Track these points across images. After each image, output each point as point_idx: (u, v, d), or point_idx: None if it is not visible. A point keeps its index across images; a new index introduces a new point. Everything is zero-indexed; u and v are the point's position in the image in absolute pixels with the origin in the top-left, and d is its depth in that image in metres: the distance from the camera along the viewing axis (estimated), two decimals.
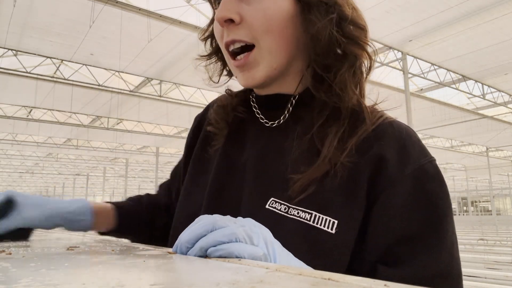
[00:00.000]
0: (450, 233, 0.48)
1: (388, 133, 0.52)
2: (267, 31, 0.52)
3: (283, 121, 0.58)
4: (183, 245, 0.38)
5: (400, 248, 0.47)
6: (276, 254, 0.39)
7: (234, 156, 0.61)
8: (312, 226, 0.48)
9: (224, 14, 0.52)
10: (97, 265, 0.31)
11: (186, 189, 0.66)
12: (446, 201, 0.49)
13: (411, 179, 0.48)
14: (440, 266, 0.46)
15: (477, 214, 30.93)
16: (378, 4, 5.77)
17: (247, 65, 0.54)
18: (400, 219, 0.47)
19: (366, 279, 0.24)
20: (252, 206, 0.54)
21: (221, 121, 0.63)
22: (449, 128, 11.98)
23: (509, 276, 5.22)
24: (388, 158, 0.49)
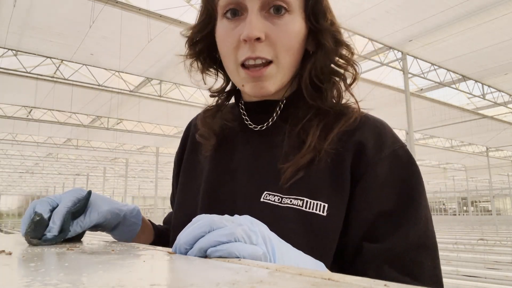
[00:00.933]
0: (423, 207, 0.54)
1: (365, 123, 0.59)
2: (287, 50, 0.57)
3: (272, 123, 0.63)
4: (182, 247, 0.38)
5: (379, 223, 0.53)
6: (275, 249, 0.39)
7: (225, 159, 0.64)
8: (305, 211, 0.53)
9: (255, 33, 0.54)
10: (97, 265, 0.31)
11: (179, 197, 0.68)
12: (418, 180, 0.55)
13: (387, 161, 0.55)
14: (417, 237, 0.52)
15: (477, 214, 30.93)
16: (378, 4, 5.77)
17: (263, 77, 0.57)
18: (379, 197, 0.53)
19: (366, 279, 0.24)
20: (248, 200, 0.57)
21: (209, 131, 0.67)
22: (449, 128, 11.98)
23: (509, 276, 5.22)
24: (367, 143, 0.56)
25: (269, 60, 0.56)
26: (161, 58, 7.52)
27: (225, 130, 0.67)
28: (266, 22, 0.56)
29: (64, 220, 0.54)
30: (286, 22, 0.56)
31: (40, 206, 0.55)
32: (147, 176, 26.93)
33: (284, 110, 0.63)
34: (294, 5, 0.56)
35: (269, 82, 0.58)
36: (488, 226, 17.62)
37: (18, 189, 35.23)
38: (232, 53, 0.58)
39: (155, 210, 18.82)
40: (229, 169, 0.62)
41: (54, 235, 0.52)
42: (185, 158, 0.72)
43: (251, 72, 0.56)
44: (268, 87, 0.58)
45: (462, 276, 5.38)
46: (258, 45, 0.55)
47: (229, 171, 0.62)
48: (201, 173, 0.66)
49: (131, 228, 0.66)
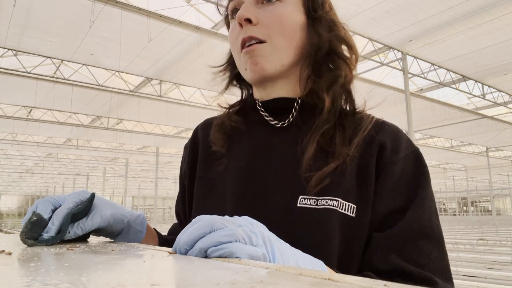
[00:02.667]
0: (428, 202, 0.57)
1: (383, 127, 0.62)
2: (279, 32, 0.60)
3: (292, 120, 0.64)
4: (182, 247, 0.38)
5: (390, 217, 0.56)
6: (275, 250, 0.39)
7: (249, 165, 0.63)
8: (340, 212, 0.55)
9: (243, 13, 0.59)
10: (97, 265, 0.31)
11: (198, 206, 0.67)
12: (426, 177, 0.58)
13: (401, 162, 0.59)
14: (421, 227, 0.54)
15: (477, 214, 30.92)
16: (378, 4, 5.77)
17: (256, 51, 0.60)
18: (393, 194, 0.57)
19: (366, 279, 0.24)
20: (284, 207, 0.57)
21: (220, 140, 0.68)
22: (449, 128, 11.98)
23: (509, 276, 5.22)
24: (387, 144, 0.59)
25: (262, 40, 0.60)
26: (161, 58, 7.52)
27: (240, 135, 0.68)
28: (259, 9, 0.61)
29: (63, 222, 0.53)
30: (277, 7, 0.61)
31: (41, 206, 0.55)
32: (147, 176, 26.93)
33: (302, 110, 0.64)
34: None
35: (263, 59, 0.60)
36: (488, 226, 17.61)
37: (18, 189, 35.23)
38: (235, 43, 0.63)
39: (155, 210, 18.82)
40: (257, 174, 0.62)
41: (51, 236, 0.51)
42: (199, 166, 0.70)
43: (246, 49, 0.61)
44: (262, 63, 0.60)
45: (462, 276, 5.38)
46: (251, 28, 0.60)
47: (257, 177, 0.62)
48: (223, 181, 0.65)
49: (135, 236, 0.65)
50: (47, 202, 0.56)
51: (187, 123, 12.00)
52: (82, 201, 0.57)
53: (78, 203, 0.56)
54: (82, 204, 0.57)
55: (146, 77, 8.67)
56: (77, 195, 0.57)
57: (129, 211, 0.65)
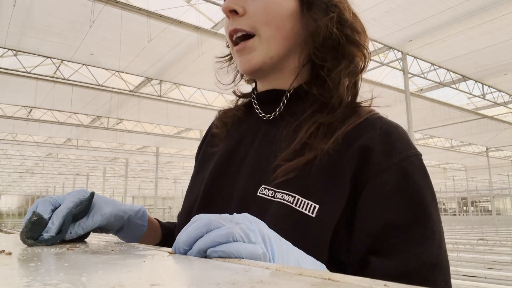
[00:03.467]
0: (437, 224, 0.50)
1: (375, 126, 0.55)
2: (267, 23, 0.57)
3: (278, 114, 0.63)
4: (181, 247, 0.38)
5: (388, 236, 0.49)
6: (275, 248, 0.38)
7: (233, 150, 0.65)
8: (294, 209, 0.51)
9: (229, 4, 0.57)
10: (97, 265, 0.31)
11: (188, 187, 0.70)
12: (431, 193, 0.51)
13: (396, 169, 0.51)
14: (430, 257, 0.48)
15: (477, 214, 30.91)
16: (378, 4, 5.77)
17: (246, 49, 0.59)
18: (387, 207, 0.49)
19: (366, 279, 0.24)
20: (245, 195, 0.57)
21: (222, 124, 0.70)
22: (449, 128, 11.98)
23: (509, 276, 5.22)
24: (375, 148, 0.52)
25: (249, 32, 0.58)
26: (161, 58, 7.51)
27: (238, 122, 0.69)
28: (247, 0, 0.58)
29: (64, 221, 0.53)
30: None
31: (41, 206, 0.55)
32: (147, 176, 26.92)
33: (292, 102, 0.62)
34: None
35: (253, 55, 0.59)
36: (488, 226, 17.61)
37: (18, 189, 35.22)
38: (229, 39, 0.62)
39: (155, 210, 18.82)
40: (235, 160, 0.63)
41: (51, 235, 0.51)
42: (202, 151, 0.74)
43: (236, 47, 0.59)
44: (252, 59, 0.59)
45: (462, 276, 5.38)
46: (237, 19, 0.58)
47: (234, 162, 0.63)
48: (209, 164, 0.67)
49: (136, 230, 0.65)
50: (47, 202, 0.56)
51: (187, 123, 12.00)
52: (81, 201, 0.57)
53: (77, 202, 0.56)
54: (82, 203, 0.57)
55: (146, 77, 8.67)
56: (77, 194, 0.57)
57: (129, 206, 0.65)
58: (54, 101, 9.46)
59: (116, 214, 0.61)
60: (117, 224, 0.62)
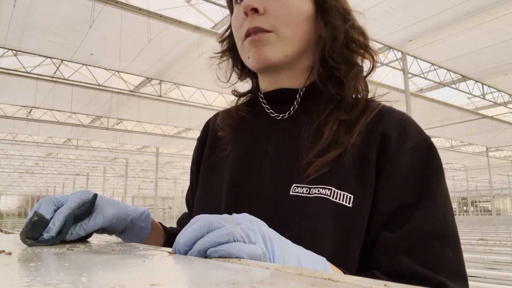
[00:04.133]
0: (443, 197, 0.53)
1: (389, 115, 0.59)
2: (286, 22, 0.58)
3: (293, 112, 0.63)
4: (181, 248, 0.38)
5: (398, 214, 0.52)
6: (275, 247, 0.39)
7: (248, 154, 0.64)
8: (333, 201, 0.53)
9: (250, 2, 0.57)
10: (97, 265, 0.31)
11: (199, 195, 0.68)
12: (438, 170, 0.55)
13: (409, 153, 0.55)
14: (434, 226, 0.51)
15: (477, 214, 30.92)
16: (378, 4, 5.77)
17: (261, 41, 0.58)
18: (400, 188, 0.53)
19: (366, 279, 0.24)
20: (276, 195, 0.57)
21: (227, 126, 0.68)
22: (449, 128, 11.98)
23: (509, 276, 5.22)
24: (391, 135, 0.56)
25: (269, 30, 0.58)
26: (161, 58, 7.52)
27: (243, 123, 0.68)
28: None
29: (65, 222, 0.53)
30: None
31: (44, 205, 0.55)
32: (147, 176, 26.93)
33: (305, 101, 0.63)
34: None
35: (268, 48, 0.58)
36: (488, 226, 17.61)
37: (18, 189, 35.23)
38: (239, 31, 0.61)
39: (155, 210, 18.82)
40: (254, 162, 0.62)
41: (51, 236, 0.51)
42: (205, 156, 0.71)
43: (250, 37, 0.59)
44: (267, 53, 0.58)
45: None
46: (257, 17, 0.58)
47: (253, 165, 0.62)
48: (222, 170, 0.65)
49: (140, 233, 0.65)
50: (49, 202, 0.55)
51: (187, 123, 12.00)
52: (84, 202, 0.57)
53: (80, 203, 0.56)
54: (84, 204, 0.56)
55: (146, 77, 8.67)
56: (80, 195, 0.57)
57: (133, 209, 0.65)
58: (54, 101, 9.46)
59: (119, 216, 0.61)
60: (120, 226, 0.62)
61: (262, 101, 0.66)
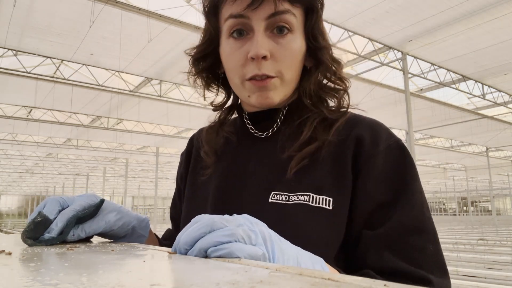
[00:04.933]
0: (418, 194, 0.57)
1: (361, 120, 0.63)
2: (289, 67, 0.61)
3: (276, 129, 0.67)
4: (182, 247, 0.38)
5: (377, 213, 0.56)
6: (275, 248, 0.39)
7: (230, 173, 0.67)
8: (312, 206, 0.56)
9: (262, 52, 0.58)
10: (97, 265, 0.31)
11: (185, 211, 0.70)
12: (412, 169, 0.58)
13: (383, 154, 0.58)
14: (413, 222, 0.54)
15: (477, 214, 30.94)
16: (378, 4, 5.77)
17: (267, 87, 0.61)
18: (376, 188, 0.57)
19: (366, 279, 0.24)
20: (256, 202, 0.60)
21: (212, 152, 0.70)
22: (449, 128, 11.98)
23: (509, 276, 5.22)
24: (365, 138, 0.60)
25: (274, 76, 0.61)
26: (161, 58, 7.52)
27: (228, 145, 0.70)
28: (271, 41, 0.60)
29: (67, 224, 0.53)
30: (289, 41, 0.61)
31: (49, 205, 0.55)
32: (147, 176, 26.93)
33: (287, 117, 0.66)
34: (295, 26, 0.61)
35: (273, 92, 0.61)
36: (488, 226, 17.61)
37: (18, 189, 35.23)
38: (239, 70, 0.62)
39: (155, 210, 18.83)
40: (236, 180, 0.64)
41: (52, 236, 0.51)
42: (190, 172, 0.74)
43: (257, 82, 0.60)
44: (273, 97, 0.61)
45: (462, 276, 5.38)
46: (263, 63, 0.59)
47: (236, 182, 0.64)
48: (207, 186, 0.68)
49: (137, 240, 0.66)
50: (55, 202, 0.56)
51: (187, 123, 12.00)
52: (90, 205, 0.57)
53: (85, 206, 0.56)
54: (89, 208, 0.56)
55: (146, 77, 8.67)
56: (86, 198, 0.58)
57: (136, 216, 0.65)
58: (54, 101, 9.46)
59: (122, 222, 0.62)
60: (121, 232, 0.63)
61: (246, 122, 0.69)
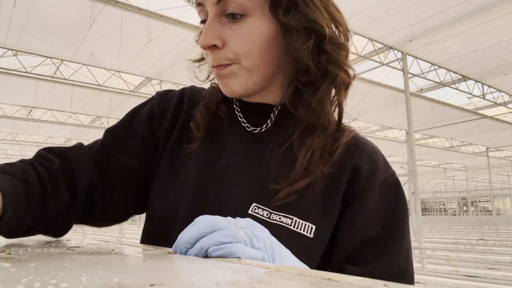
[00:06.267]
0: (406, 236, 0.56)
1: (360, 147, 0.59)
2: (247, 54, 0.54)
3: (266, 129, 0.60)
4: (183, 246, 0.38)
5: (364, 248, 0.53)
6: (276, 254, 0.40)
7: (214, 158, 0.60)
8: (292, 230, 0.52)
9: (207, 41, 0.54)
10: (97, 265, 0.31)
11: (161, 188, 0.62)
12: (404, 207, 0.56)
13: (377, 190, 0.56)
14: (397, 268, 0.54)
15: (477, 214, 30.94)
16: (378, 4, 5.77)
17: (224, 75, 0.56)
18: (366, 223, 0.54)
19: (366, 279, 0.24)
20: (235, 210, 0.54)
21: (203, 126, 0.62)
22: (449, 128, 11.98)
23: (509, 276, 5.22)
24: (362, 169, 0.56)
25: (229, 63, 0.55)
26: (161, 58, 7.52)
27: (217, 126, 0.63)
28: (223, 27, 0.54)
29: None
30: (242, 27, 0.53)
31: None
32: None
33: (280, 117, 0.60)
34: (251, 7, 0.53)
35: (233, 80, 0.56)
36: (488, 226, 17.61)
37: None
38: (207, 59, 0.58)
39: None
40: (218, 171, 0.59)
41: None
42: (174, 138, 0.64)
43: (215, 70, 0.56)
44: (233, 85, 0.56)
45: (462, 276, 5.38)
46: (217, 53, 0.55)
47: (218, 174, 0.58)
48: (185, 169, 0.61)
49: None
50: None
51: None
52: None
53: None
54: None
55: (146, 77, 8.67)
56: None
57: None
58: (54, 101, 9.46)
59: None
60: None
61: (236, 109, 0.63)
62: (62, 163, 0.59)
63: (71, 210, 0.58)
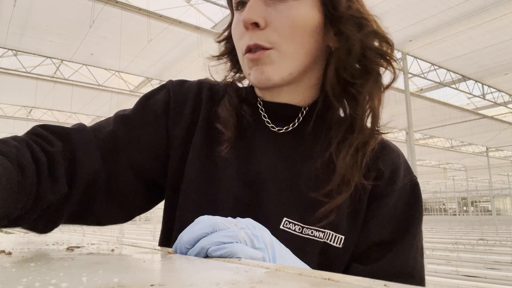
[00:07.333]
0: (417, 240, 0.55)
1: (385, 150, 0.58)
2: (289, 37, 0.52)
3: (292, 129, 0.57)
4: (183, 246, 0.38)
5: (375, 250, 0.54)
6: (276, 255, 0.40)
7: (244, 164, 0.56)
8: (325, 243, 0.52)
9: (251, 17, 0.51)
10: (97, 265, 0.31)
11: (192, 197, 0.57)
12: (419, 212, 0.56)
13: (396, 195, 0.55)
14: (405, 268, 0.53)
15: (477, 214, 30.93)
16: (378, 4, 5.77)
17: (261, 60, 0.52)
18: (382, 227, 0.54)
19: (366, 279, 0.24)
20: (267, 226, 0.50)
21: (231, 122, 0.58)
22: (449, 128, 11.98)
23: (509, 276, 5.22)
24: (385, 173, 0.56)
25: (268, 47, 0.52)
26: (161, 58, 7.52)
27: (242, 129, 0.59)
28: (268, 8, 0.52)
29: None
30: (289, 7, 0.51)
31: None
32: None
33: (308, 118, 0.57)
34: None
35: (270, 67, 0.52)
36: (488, 226, 17.62)
37: None
38: (239, 43, 0.55)
39: (155, 209, 18.80)
40: (250, 179, 0.55)
41: None
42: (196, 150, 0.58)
43: (250, 55, 0.53)
44: (269, 72, 0.52)
45: (462, 276, 5.38)
46: (257, 32, 0.52)
47: (248, 181, 0.55)
48: (218, 176, 0.56)
49: None
50: None
51: None
52: None
53: None
54: None
55: (146, 77, 8.67)
56: None
57: None
58: (54, 101, 9.46)
59: None
60: None
61: (260, 108, 0.59)
62: (65, 146, 0.50)
63: (66, 203, 0.49)
